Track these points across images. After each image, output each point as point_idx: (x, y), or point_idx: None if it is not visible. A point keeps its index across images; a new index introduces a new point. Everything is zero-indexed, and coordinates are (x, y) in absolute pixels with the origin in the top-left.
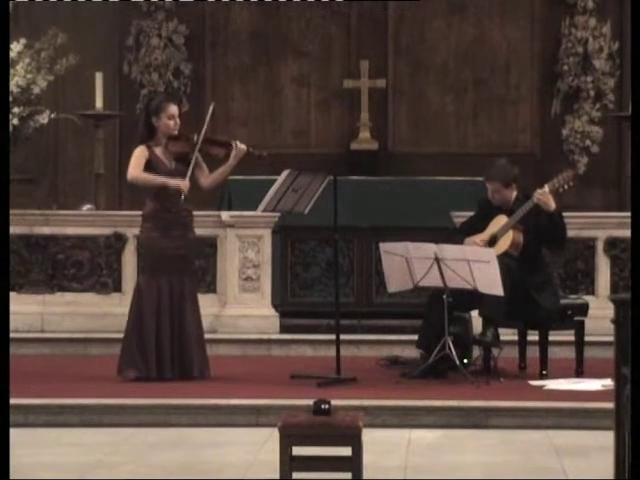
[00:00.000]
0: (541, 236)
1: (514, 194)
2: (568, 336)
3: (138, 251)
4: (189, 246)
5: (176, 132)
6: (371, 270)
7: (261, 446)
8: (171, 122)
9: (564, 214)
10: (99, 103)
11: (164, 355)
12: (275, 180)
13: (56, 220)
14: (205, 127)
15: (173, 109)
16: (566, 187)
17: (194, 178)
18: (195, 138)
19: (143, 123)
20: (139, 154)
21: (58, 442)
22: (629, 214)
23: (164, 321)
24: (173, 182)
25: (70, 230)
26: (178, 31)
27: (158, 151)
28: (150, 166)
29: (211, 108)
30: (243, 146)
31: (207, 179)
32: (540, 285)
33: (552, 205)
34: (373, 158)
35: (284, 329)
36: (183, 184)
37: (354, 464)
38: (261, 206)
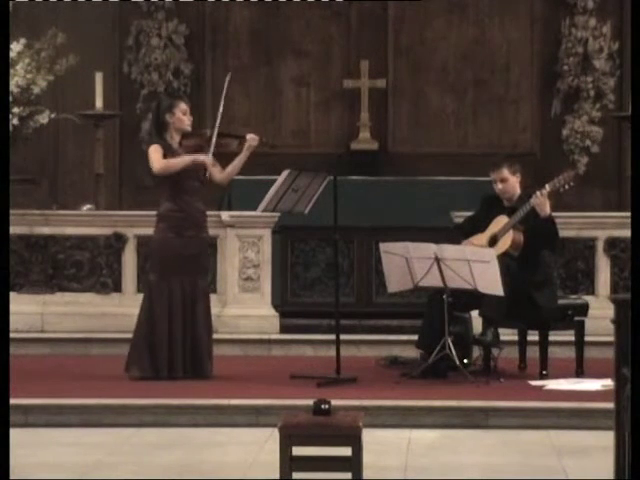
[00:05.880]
0: (535, 237)
1: (518, 188)
2: (568, 336)
3: (148, 251)
4: (202, 246)
5: (189, 128)
6: (371, 270)
7: (261, 446)
8: (185, 117)
9: (564, 214)
10: (99, 103)
11: (176, 355)
12: (275, 180)
13: (56, 220)
14: (222, 102)
15: (185, 105)
16: (567, 187)
17: (209, 177)
18: (208, 132)
19: (155, 122)
20: (155, 150)
21: (58, 442)
22: (629, 214)
23: (176, 322)
24: (199, 157)
25: (70, 230)
26: (178, 31)
27: (171, 148)
28: None
29: (227, 78)
30: (255, 136)
31: (222, 174)
32: (540, 285)
33: (547, 210)
34: (373, 158)
35: (284, 329)
36: (207, 159)
37: (354, 464)
38: (261, 206)
